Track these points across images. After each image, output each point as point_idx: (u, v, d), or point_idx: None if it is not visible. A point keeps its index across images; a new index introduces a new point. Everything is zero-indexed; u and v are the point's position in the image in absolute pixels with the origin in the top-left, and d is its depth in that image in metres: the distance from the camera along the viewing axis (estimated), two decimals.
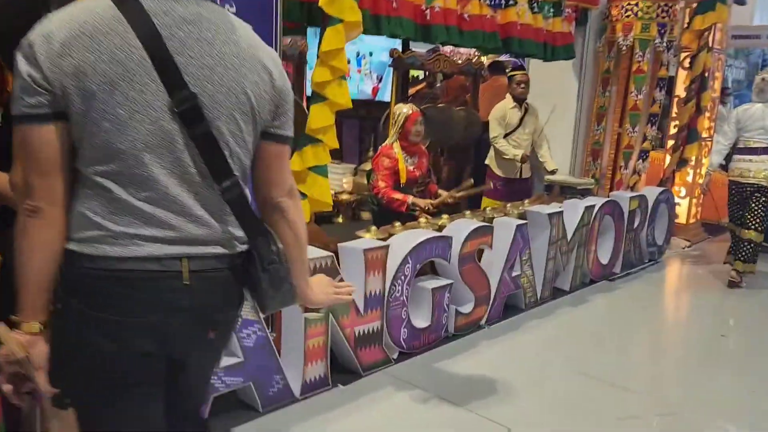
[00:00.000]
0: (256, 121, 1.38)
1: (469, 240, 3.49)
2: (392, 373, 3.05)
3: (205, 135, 1.31)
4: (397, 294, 3.12)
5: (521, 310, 4.04)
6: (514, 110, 5.17)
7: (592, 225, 4.56)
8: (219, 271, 1.38)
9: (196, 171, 1.32)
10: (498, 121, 5.18)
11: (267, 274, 1.42)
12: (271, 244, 1.43)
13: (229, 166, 1.35)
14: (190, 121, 1.29)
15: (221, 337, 1.50)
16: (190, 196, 1.33)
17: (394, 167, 4.15)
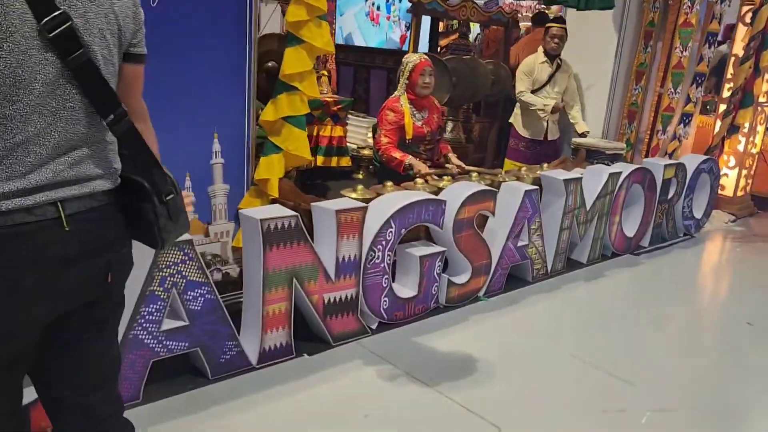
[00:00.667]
0: (121, 42, 1.26)
1: (466, 205, 3.18)
2: (366, 345, 2.83)
3: (85, 64, 1.17)
4: (377, 260, 2.87)
5: (527, 283, 3.73)
6: (545, 65, 4.75)
7: (617, 194, 4.15)
8: (103, 209, 1.28)
9: (74, 106, 1.19)
10: (525, 76, 4.78)
11: (166, 207, 1.34)
12: (166, 176, 1.36)
13: (115, 96, 1.24)
14: (65, 48, 1.14)
15: (119, 281, 1.38)
16: (66, 134, 1.19)
17: (399, 122, 3.85)
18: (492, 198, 3.33)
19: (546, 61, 4.75)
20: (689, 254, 4.63)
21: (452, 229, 3.16)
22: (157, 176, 1.34)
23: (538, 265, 3.76)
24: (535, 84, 4.77)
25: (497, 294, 3.53)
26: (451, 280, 3.25)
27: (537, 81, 4.77)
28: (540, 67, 4.76)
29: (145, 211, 1.33)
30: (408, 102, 3.89)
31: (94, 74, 1.18)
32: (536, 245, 3.70)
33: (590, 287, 3.81)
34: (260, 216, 2.43)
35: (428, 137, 3.97)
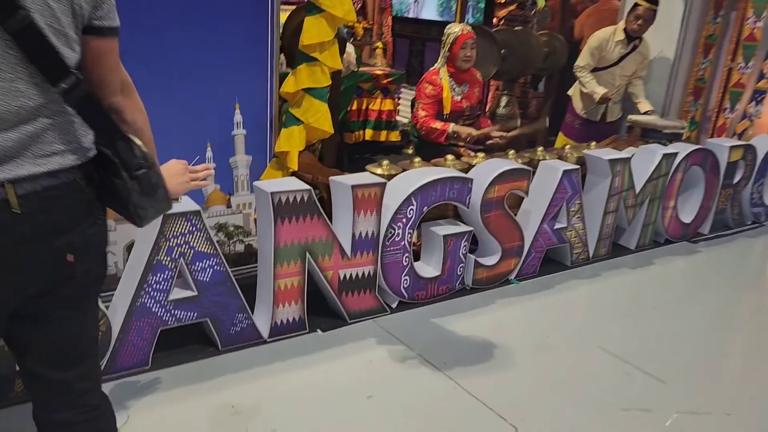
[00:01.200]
0: (75, 13, 1.19)
1: (496, 184, 3.04)
2: (384, 323, 2.78)
3: (27, 28, 1.11)
4: (397, 238, 2.79)
5: (565, 268, 3.55)
6: (619, 45, 4.40)
7: (672, 176, 3.87)
8: (66, 187, 1.22)
9: (14, 76, 1.13)
10: (591, 51, 4.46)
11: (136, 181, 1.29)
12: (134, 148, 1.29)
13: (64, 63, 1.17)
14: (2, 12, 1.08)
15: (88, 260, 1.31)
16: (8, 107, 1.13)
17: (438, 95, 3.74)
18: (526, 177, 3.17)
19: (623, 40, 4.40)
20: (755, 244, 4.27)
21: (480, 209, 3.03)
22: (121, 148, 1.28)
23: (578, 249, 3.57)
24: (602, 62, 4.45)
25: (530, 278, 3.38)
26: (479, 261, 3.13)
27: (605, 59, 4.44)
28: (613, 45, 4.43)
29: (118, 186, 1.29)
30: (448, 75, 3.76)
31: (38, 40, 1.12)
32: (576, 228, 3.50)
33: (634, 275, 3.58)
34: (272, 189, 2.40)
35: (467, 112, 3.83)
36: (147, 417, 2.01)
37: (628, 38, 4.39)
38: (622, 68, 4.46)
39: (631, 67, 4.47)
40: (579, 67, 4.53)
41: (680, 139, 4.25)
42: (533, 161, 3.51)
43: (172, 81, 2.56)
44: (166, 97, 2.55)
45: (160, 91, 2.54)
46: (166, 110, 2.57)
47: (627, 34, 4.39)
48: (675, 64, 4.45)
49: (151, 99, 2.47)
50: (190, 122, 2.65)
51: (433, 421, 2.15)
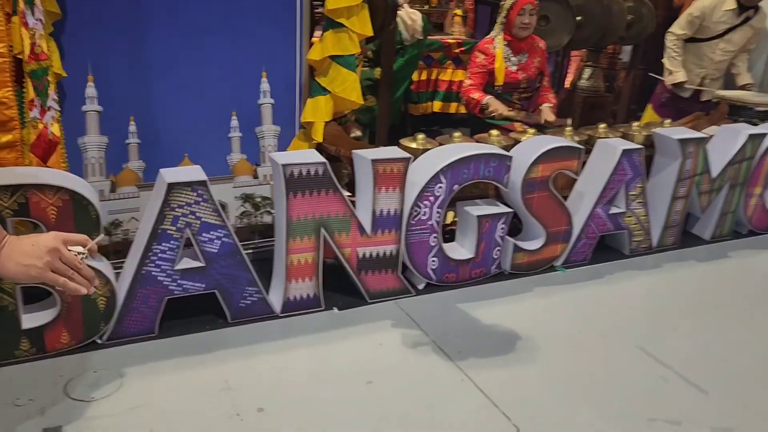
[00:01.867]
0: None
1: (540, 162, 2.79)
2: (405, 305, 2.65)
3: None
4: (423, 217, 2.63)
5: (623, 257, 3.25)
6: (729, 14, 3.92)
7: (761, 160, 3.42)
8: None
9: None
10: (691, 19, 3.99)
11: None
12: None
13: None
14: None
15: None
16: None
17: (488, 65, 3.51)
18: (576, 155, 2.89)
19: (734, 9, 3.91)
20: None
21: (521, 189, 2.80)
22: None
23: (638, 237, 3.25)
24: (703, 32, 3.98)
25: (580, 265, 3.12)
26: (518, 245, 2.92)
27: (708, 30, 3.96)
28: (721, 15, 3.94)
29: None
30: (503, 43, 3.50)
31: None
32: (637, 214, 3.18)
33: (701, 269, 3.21)
34: (284, 161, 2.32)
35: (524, 84, 3.57)
36: (138, 385, 2.02)
37: (740, 8, 3.88)
38: (726, 42, 3.97)
39: (737, 41, 3.97)
40: (672, 35, 4.08)
41: None
42: (592, 138, 3.21)
43: (194, 47, 2.52)
44: (189, 64, 2.53)
45: (184, 59, 2.52)
46: (191, 77, 2.56)
47: (739, 3, 3.88)
48: None
49: (176, 66, 2.50)
50: (215, 90, 2.61)
51: (428, 413, 2.01)
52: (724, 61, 4.03)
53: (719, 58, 4.01)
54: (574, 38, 4.43)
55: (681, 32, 4.00)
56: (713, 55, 3.99)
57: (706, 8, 3.92)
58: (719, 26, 3.93)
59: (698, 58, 4.04)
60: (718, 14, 3.90)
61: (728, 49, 3.98)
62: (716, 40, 3.97)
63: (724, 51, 3.98)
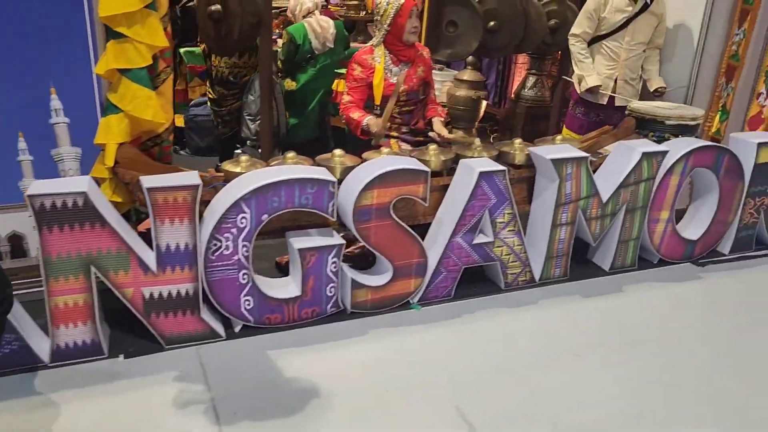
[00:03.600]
0: None
1: (374, 187, 2.45)
2: (206, 352, 2.32)
3: None
4: (226, 251, 2.30)
5: (499, 291, 2.88)
6: (623, 2, 3.56)
7: (662, 181, 3.02)
8: None
9: None
10: (588, 14, 3.65)
11: None
12: None
13: None
14: None
15: None
16: None
17: (367, 79, 3.15)
18: (421, 179, 2.54)
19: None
20: None
21: (352, 218, 2.46)
22: None
23: (514, 269, 2.87)
24: (606, 26, 3.61)
25: (443, 302, 2.76)
26: (358, 280, 2.57)
27: (607, 23, 3.60)
28: (615, 4, 3.57)
29: None
30: (386, 53, 3.15)
31: None
32: (509, 243, 2.80)
33: (581, 306, 2.82)
34: (32, 191, 2.01)
35: (404, 97, 3.20)
36: None
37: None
38: (631, 34, 3.58)
39: (643, 32, 3.58)
40: (573, 37, 3.71)
41: (693, 133, 3.33)
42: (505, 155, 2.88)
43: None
44: None
45: None
46: None
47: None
48: (701, 35, 3.48)
49: None
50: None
51: None
52: (635, 58, 3.64)
53: (627, 55, 3.62)
54: (488, 45, 4.08)
55: (580, 30, 3.63)
56: (621, 52, 3.61)
57: (599, 1, 3.56)
58: (618, 16, 3.56)
59: (607, 58, 3.65)
60: (613, 3, 3.53)
61: (635, 41, 3.59)
62: (620, 33, 3.59)
63: (631, 44, 3.60)
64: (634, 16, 3.53)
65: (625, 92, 3.72)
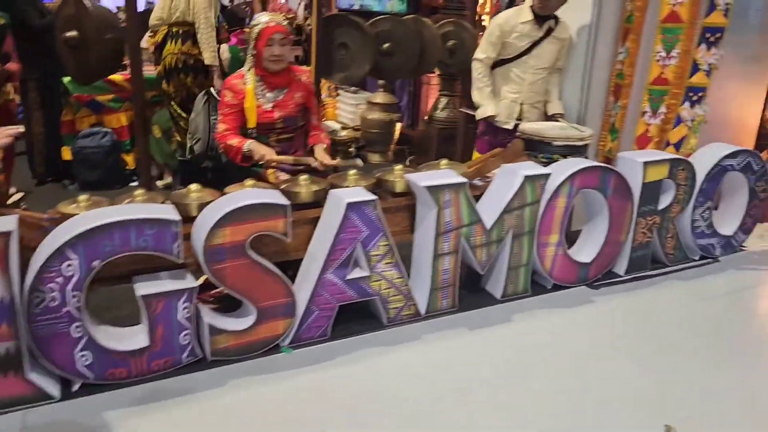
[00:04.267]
0: None
1: (226, 225, 2.25)
2: (35, 417, 2.06)
3: None
4: (53, 303, 2.06)
5: (381, 327, 2.71)
6: (529, 26, 3.48)
7: (549, 204, 2.92)
8: None
9: None
10: (491, 40, 3.56)
11: None
12: None
13: None
14: None
15: None
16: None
17: (239, 104, 2.98)
18: (281, 214, 2.35)
19: (532, 22, 3.48)
20: (679, 290, 3.21)
21: (204, 259, 2.25)
22: None
23: (396, 303, 2.71)
24: (510, 50, 3.53)
25: (318, 342, 2.57)
26: (215, 325, 2.35)
27: (511, 48, 3.52)
28: (520, 29, 3.50)
29: None
30: (256, 79, 2.99)
31: None
32: (388, 277, 2.64)
33: (470, 339, 2.67)
34: None
35: (280, 124, 3.03)
36: None
37: (538, 18, 3.46)
38: (536, 58, 3.52)
39: (547, 57, 3.53)
40: (476, 61, 3.62)
41: (582, 153, 3.26)
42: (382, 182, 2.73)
43: None
44: None
45: None
46: None
47: (535, 14, 3.46)
48: (588, 54, 3.44)
49: None
50: None
51: None
52: (540, 82, 3.57)
53: (532, 78, 3.56)
54: (384, 67, 3.96)
55: (484, 56, 3.54)
56: (525, 76, 3.54)
57: (502, 24, 3.50)
58: (522, 41, 3.50)
59: (512, 83, 3.58)
60: (517, 28, 3.47)
61: (540, 66, 3.54)
62: (524, 58, 3.52)
63: (536, 69, 3.54)
64: (539, 41, 3.47)
65: (531, 116, 3.65)
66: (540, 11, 3.44)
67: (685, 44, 3.14)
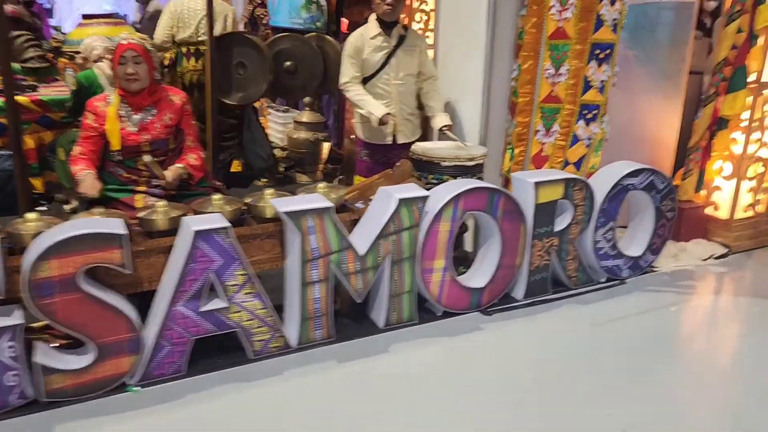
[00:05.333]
0: None
1: (51, 257, 2.10)
2: None
3: None
4: None
5: (247, 362, 2.56)
6: (380, 39, 3.41)
7: (431, 228, 2.80)
8: None
9: None
10: (350, 59, 3.45)
11: None
12: None
13: None
14: None
15: None
16: None
17: (100, 127, 2.84)
18: (116, 244, 2.21)
19: (381, 34, 3.40)
20: (580, 314, 3.10)
21: (29, 294, 2.10)
22: None
23: (262, 335, 2.57)
24: (368, 69, 3.44)
25: (172, 379, 2.42)
26: (48, 365, 2.20)
27: (370, 64, 3.43)
28: (371, 44, 3.42)
29: None
30: (120, 100, 2.86)
31: None
32: (249, 308, 2.50)
33: (339, 373, 2.53)
34: None
35: (147, 147, 2.89)
36: None
37: (386, 27, 3.38)
38: (395, 69, 3.42)
39: (408, 65, 3.44)
40: (344, 85, 3.50)
41: (475, 174, 3.15)
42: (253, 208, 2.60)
43: None
44: None
45: None
46: None
47: (383, 23, 3.38)
48: (486, 71, 3.34)
49: None
50: None
51: None
52: (406, 93, 3.48)
53: (397, 90, 3.46)
54: (287, 86, 3.85)
55: (349, 77, 3.43)
56: (390, 88, 3.44)
57: (354, 41, 3.44)
58: (376, 54, 3.42)
59: (380, 97, 3.47)
60: (368, 43, 3.40)
61: (401, 74, 3.44)
62: (384, 70, 3.44)
63: (398, 79, 3.44)
64: (393, 51, 3.38)
65: (406, 129, 3.53)
66: (387, 17, 3.35)
67: (574, 61, 3.05)
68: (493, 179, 3.47)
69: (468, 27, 3.40)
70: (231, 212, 2.58)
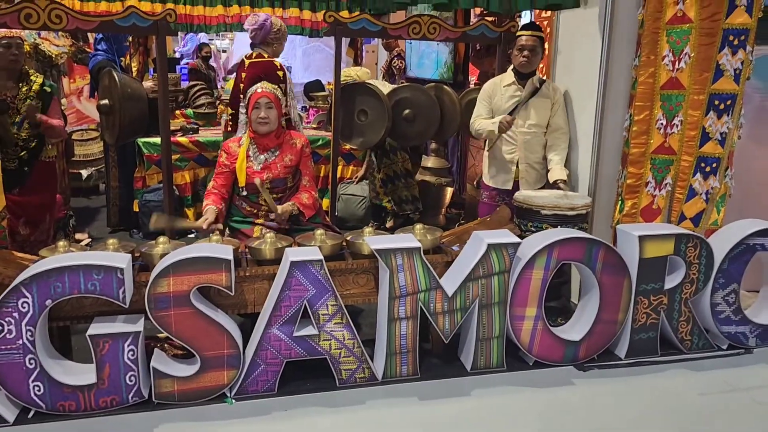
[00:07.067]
0: None
1: (168, 275, 2.43)
2: None
3: None
4: (9, 336, 2.34)
5: (333, 388, 2.72)
6: (511, 89, 3.54)
7: (522, 275, 2.80)
8: None
9: None
10: (481, 102, 3.64)
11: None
12: None
13: None
14: None
15: None
16: None
17: (231, 165, 3.24)
18: (222, 268, 2.49)
19: (514, 83, 3.52)
20: (688, 380, 2.87)
21: (150, 306, 2.44)
22: None
23: (348, 365, 2.71)
24: (497, 114, 3.56)
25: (263, 396, 2.63)
26: (160, 370, 2.51)
27: (499, 110, 3.56)
28: (504, 92, 3.55)
29: None
30: (249, 141, 3.24)
31: None
32: (338, 337, 2.66)
33: (413, 410, 2.59)
34: None
35: (267, 185, 3.22)
36: None
37: (520, 77, 3.47)
38: (523, 118, 3.49)
39: (537, 115, 3.48)
40: (472, 122, 3.67)
41: (577, 224, 3.09)
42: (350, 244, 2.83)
43: None
44: None
45: None
46: None
47: (518, 74, 3.48)
48: (596, 123, 3.30)
49: None
50: None
51: None
52: (533, 141, 3.50)
53: (523, 138, 3.49)
54: (405, 132, 4.06)
55: (475, 116, 3.59)
56: (516, 135, 3.49)
57: (488, 88, 3.59)
58: (509, 102, 3.50)
59: (506, 143, 3.55)
60: (500, 90, 3.51)
61: (528, 123, 3.48)
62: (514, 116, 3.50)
63: (526, 128, 3.48)
64: (524, 101, 3.45)
65: (529, 176, 3.56)
66: (522, 69, 3.44)
67: (690, 111, 2.90)
68: (602, 231, 3.37)
69: (581, 76, 3.39)
70: (331, 247, 2.79)
